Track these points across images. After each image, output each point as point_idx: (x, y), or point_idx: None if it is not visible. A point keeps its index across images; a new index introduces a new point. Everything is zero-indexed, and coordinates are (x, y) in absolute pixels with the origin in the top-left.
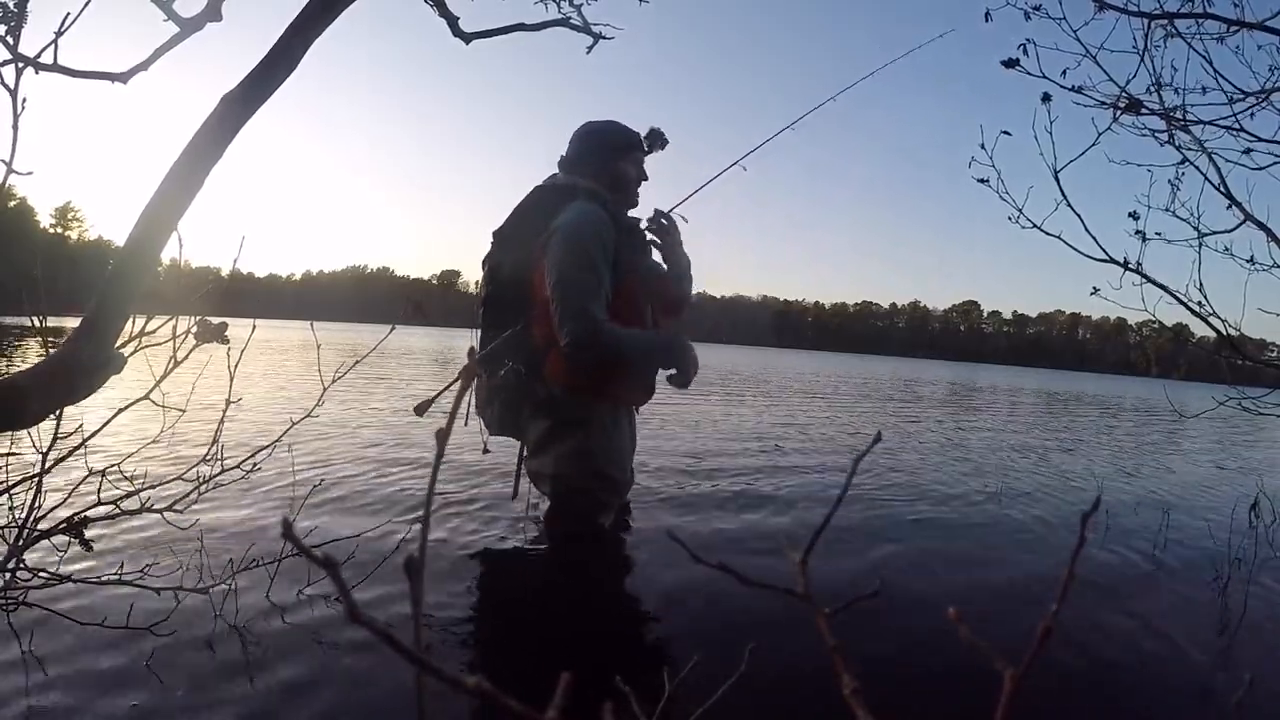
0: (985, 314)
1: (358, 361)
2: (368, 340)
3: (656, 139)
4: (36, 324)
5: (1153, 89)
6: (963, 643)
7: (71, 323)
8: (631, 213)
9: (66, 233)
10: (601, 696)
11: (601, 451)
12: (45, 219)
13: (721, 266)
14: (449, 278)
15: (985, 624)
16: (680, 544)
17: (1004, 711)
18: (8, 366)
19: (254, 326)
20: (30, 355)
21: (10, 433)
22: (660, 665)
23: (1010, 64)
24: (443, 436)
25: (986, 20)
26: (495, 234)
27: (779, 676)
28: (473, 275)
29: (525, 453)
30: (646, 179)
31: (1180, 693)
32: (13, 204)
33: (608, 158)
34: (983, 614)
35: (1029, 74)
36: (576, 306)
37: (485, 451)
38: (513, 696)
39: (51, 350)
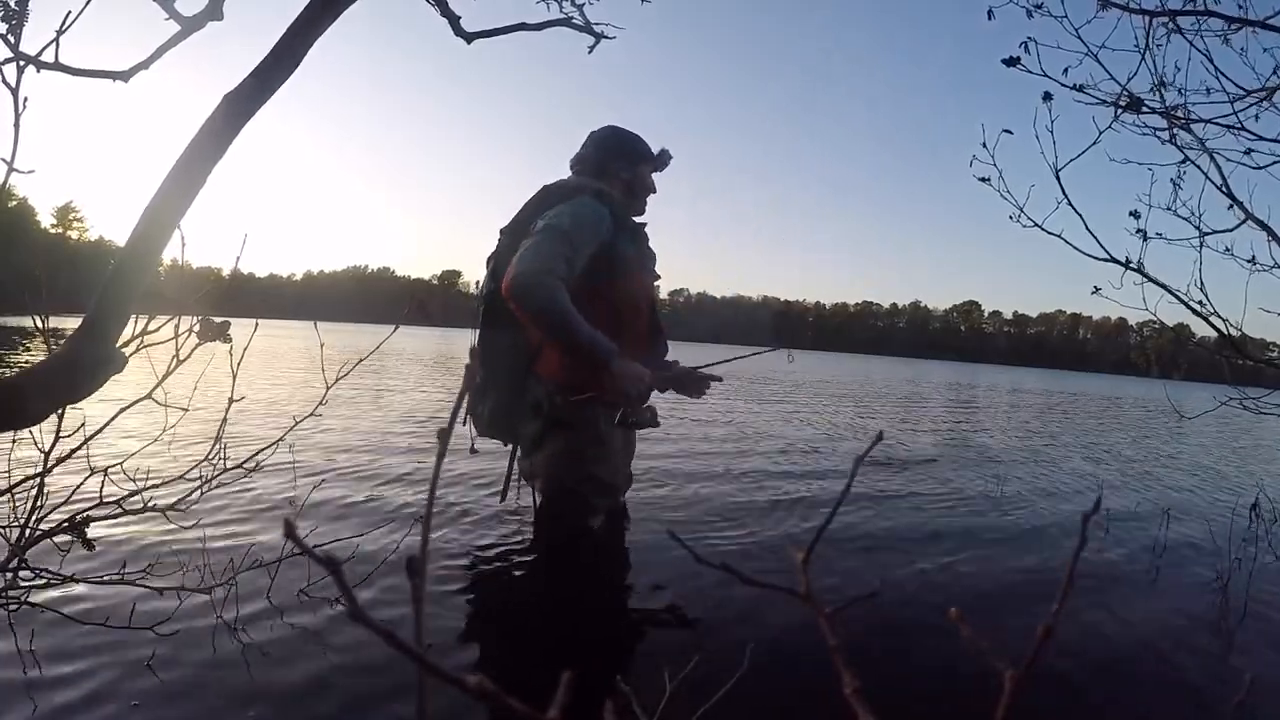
0: (986, 314)
1: (360, 361)
2: (369, 341)
3: (664, 157)
4: (37, 324)
5: (1155, 87)
6: (963, 643)
7: (72, 323)
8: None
9: (67, 233)
10: (603, 696)
11: (593, 453)
12: (46, 219)
13: (722, 266)
14: (450, 278)
15: (985, 624)
16: (682, 544)
17: (1004, 712)
18: (7, 367)
19: (256, 325)
20: (30, 356)
21: (12, 432)
22: (661, 665)
23: (1011, 62)
24: (444, 436)
25: (989, 18)
26: (501, 231)
27: (780, 676)
28: (473, 275)
29: (518, 454)
30: (655, 191)
31: (1181, 693)
32: (13, 204)
33: (630, 163)
34: (983, 614)
35: (1030, 72)
36: (539, 257)
37: (472, 451)
38: (514, 696)
39: (52, 349)
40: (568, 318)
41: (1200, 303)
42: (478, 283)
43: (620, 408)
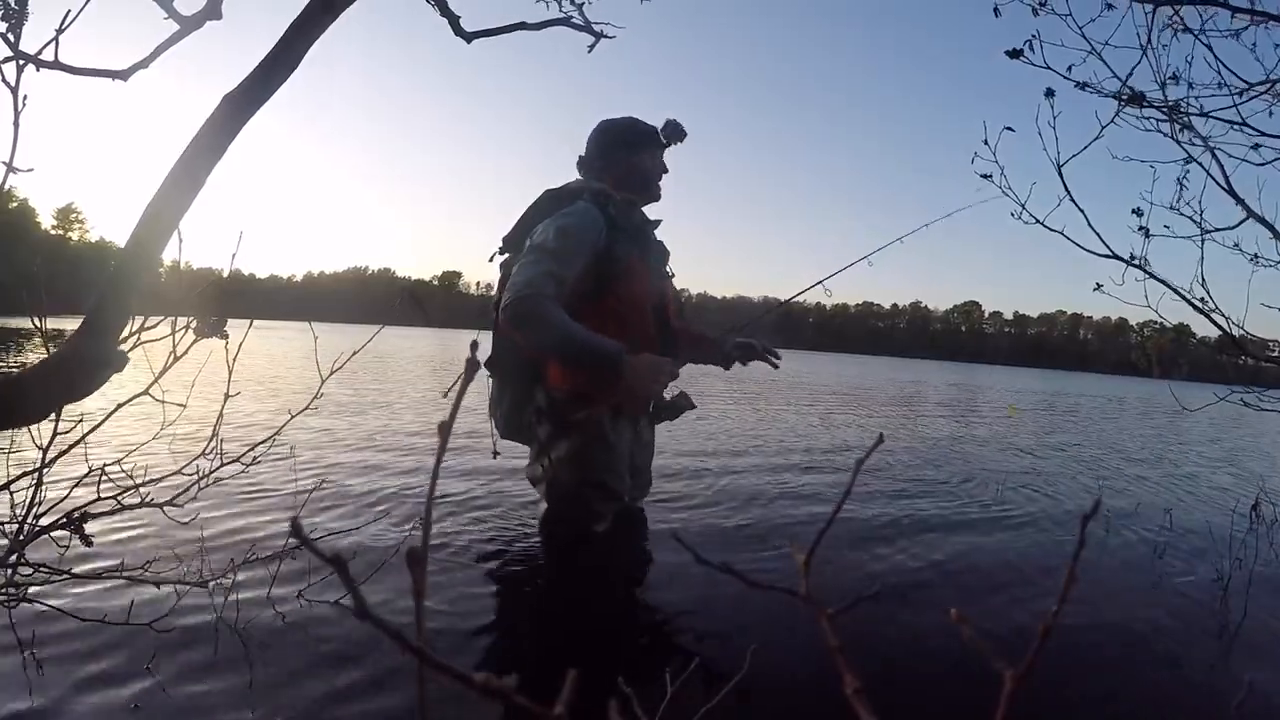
0: (986, 314)
1: (355, 353)
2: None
3: (674, 131)
4: (36, 325)
5: (1158, 82)
6: (964, 643)
7: (72, 324)
8: None
9: (68, 234)
10: (604, 697)
11: (598, 458)
12: (47, 220)
13: (723, 266)
14: (450, 278)
15: (986, 624)
16: (684, 545)
17: (1004, 712)
18: (7, 368)
19: (250, 324)
20: (30, 357)
21: (11, 430)
22: (663, 666)
23: (1014, 54)
24: (445, 429)
25: (996, 15)
26: (503, 240)
27: (781, 678)
28: (474, 276)
29: (529, 458)
30: (667, 171)
31: (1180, 694)
32: (14, 205)
33: (624, 154)
34: (983, 615)
35: (1033, 64)
36: (527, 282)
37: (495, 455)
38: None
39: (53, 349)
40: (564, 335)
41: (1202, 299)
42: (478, 283)
43: (647, 408)
